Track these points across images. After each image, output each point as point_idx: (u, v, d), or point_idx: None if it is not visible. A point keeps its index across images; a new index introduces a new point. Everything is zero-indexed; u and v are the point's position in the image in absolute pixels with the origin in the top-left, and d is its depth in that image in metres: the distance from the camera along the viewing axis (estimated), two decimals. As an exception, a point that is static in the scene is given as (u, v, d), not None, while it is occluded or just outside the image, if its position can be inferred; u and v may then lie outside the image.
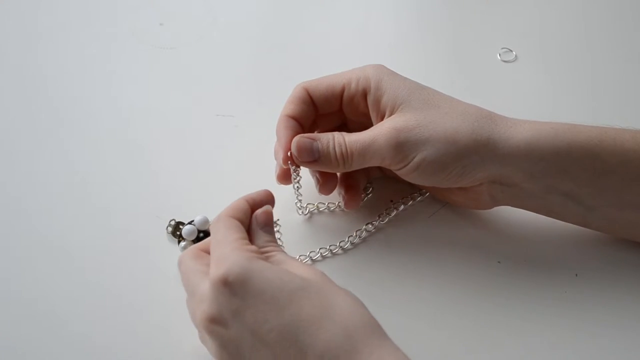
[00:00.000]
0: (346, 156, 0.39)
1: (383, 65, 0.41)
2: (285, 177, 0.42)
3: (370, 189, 0.46)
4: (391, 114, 0.39)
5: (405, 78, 0.40)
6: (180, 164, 0.48)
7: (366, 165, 0.40)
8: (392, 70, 0.41)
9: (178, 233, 0.42)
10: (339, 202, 0.45)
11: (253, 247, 0.33)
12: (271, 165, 0.44)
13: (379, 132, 0.38)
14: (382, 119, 0.40)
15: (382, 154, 0.38)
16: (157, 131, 0.50)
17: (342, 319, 0.30)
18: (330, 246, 0.43)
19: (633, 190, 0.38)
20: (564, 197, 0.39)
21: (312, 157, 0.40)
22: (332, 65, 0.56)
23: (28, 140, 0.50)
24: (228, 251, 0.32)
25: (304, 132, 0.41)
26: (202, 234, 0.42)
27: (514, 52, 0.58)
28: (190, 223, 0.42)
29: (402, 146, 0.37)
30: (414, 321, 0.39)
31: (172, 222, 0.43)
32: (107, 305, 0.40)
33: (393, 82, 0.40)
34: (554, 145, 0.37)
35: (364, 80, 0.40)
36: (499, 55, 0.58)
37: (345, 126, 0.45)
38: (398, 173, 0.40)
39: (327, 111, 0.42)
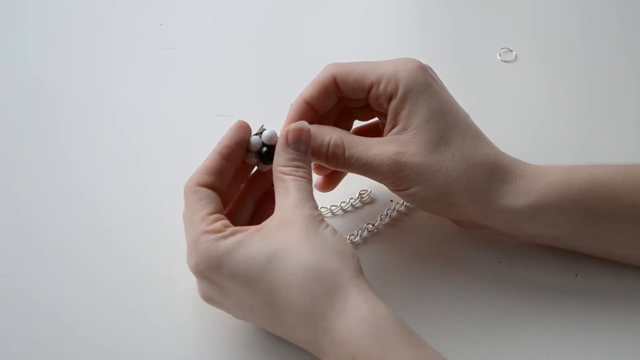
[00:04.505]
0: (340, 163, 0.39)
1: (419, 69, 0.39)
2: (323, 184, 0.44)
3: (369, 191, 0.46)
4: (402, 130, 0.39)
5: (433, 95, 0.39)
6: (181, 164, 0.48)
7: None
8: (425, 80, 0.39)
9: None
10: (341, 203, 0.45)
11: (218, 225, 0.34)
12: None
13: (383, 157, 0.38)
14: (393, 127, 0.39)
15: (380, 178, 0.39)
16: (157, 131, 0.50)
17: (305, 282, 0.32)
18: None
19: (625, 232, 0.38)
20: (551, 240, 0.40)
21: (302, 149, 0.39)
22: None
23: (27, 139, 0.50)
24: (194, 240, 0.34)
25: (318, 118, 0.41)
26: (267, 148, 0.39)
27: (514, 52, 0.58)
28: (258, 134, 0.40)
29: (401, 179, 0.38)
30: (413, 321, 0.38)
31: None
32: (106, 306, 0.40)
33: (418, 100, 0.38)
34: (545, 202, 0.37)
35: (393, 86, 0.39)
36: (499, 55, 0.58)
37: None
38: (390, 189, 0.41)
39: (352, 97, 0.41)
